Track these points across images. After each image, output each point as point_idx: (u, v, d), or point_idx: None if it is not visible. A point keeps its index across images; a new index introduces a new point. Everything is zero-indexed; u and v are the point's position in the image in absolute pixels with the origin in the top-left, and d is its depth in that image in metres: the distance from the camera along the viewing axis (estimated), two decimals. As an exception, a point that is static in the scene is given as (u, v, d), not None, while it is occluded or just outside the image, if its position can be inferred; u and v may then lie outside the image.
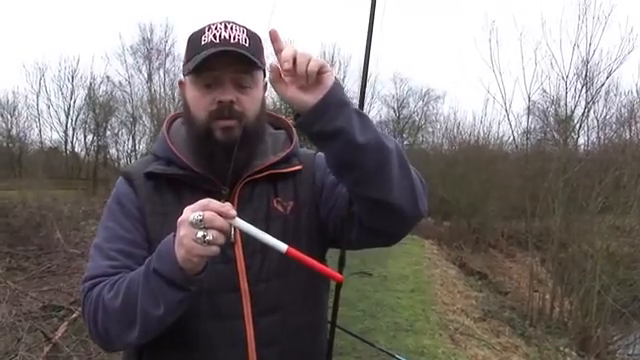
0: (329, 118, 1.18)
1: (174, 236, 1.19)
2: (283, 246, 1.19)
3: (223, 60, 1.31)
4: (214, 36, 1.34)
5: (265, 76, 1.44)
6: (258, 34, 1.41)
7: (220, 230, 1.14)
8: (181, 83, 1.44)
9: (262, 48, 1.41)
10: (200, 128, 1.36)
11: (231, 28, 1.35)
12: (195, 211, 1.14)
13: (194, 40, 1.37)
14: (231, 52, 1.31)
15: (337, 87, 1.20)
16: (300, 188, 1.47)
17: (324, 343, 1.54)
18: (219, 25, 1.36)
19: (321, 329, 1.53)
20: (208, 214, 1.13)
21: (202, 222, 1.13)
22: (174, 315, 1.25)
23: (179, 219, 1.17)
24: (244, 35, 1.35)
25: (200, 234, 1.13)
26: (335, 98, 1.19)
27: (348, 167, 1.25)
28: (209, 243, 1.14)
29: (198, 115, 1.36)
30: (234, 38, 1.34)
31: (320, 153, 1.55)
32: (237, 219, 1.17)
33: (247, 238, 1.36)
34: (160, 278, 1.20)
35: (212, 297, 1.35)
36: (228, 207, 1.16)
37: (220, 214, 1.14)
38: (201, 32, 1.37)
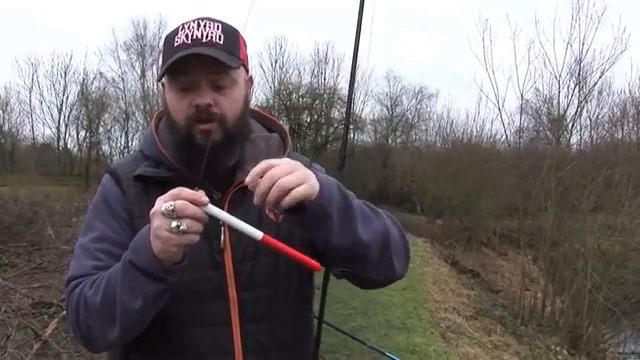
0: (307, 226, 1.23)
1: (149, 228, 1.17)
2: (259, 234, 1.15)
3: (196, 62, 1.27)
4: (186, 36, 1.29)
5: (248, 72, 1.40)
6: (236, 28, 1.37)
7: (193, 218, 1.12)
8: (163, 84, 1.39)
9: (240, 43, 1.37)
10: (181, 132, 1.33)
11: (204, 26, 1.31)
12: (167, 201, 1.12)
13: (168, 41, 1.33)
14: (201, 55, 1.27)
15: (315, 205, 1.17)
16: None
17: (312, 350, 1.52)
18: (192, 24, 1.31)
19: (309, 336, 1.51)
20: (179, 203, 1.11)
21: (174, 212, 1.10)
22: (153, 308, 1.23)
23: (151, 210, 1.15)
24: (218, 32, 1.31)
25: (174, 224, 1.10)
26: (311, 216, 1.19)
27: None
28: (184, 232, 1.11)
29: (178, 119, 1.33)
30: (207, 36, 1.29)
31: (316, 165, 1.52)
32: (210, 206, 1.14)
33: (237, 245, 1.34)
34: (137, 270, 1.18)
35: (200, 304, 1.32)
36: (200, 194, 1.14)
37: (192, 202, 1.12)
38: (175, 32, 1.33)
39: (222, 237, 1.33)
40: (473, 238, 20.95)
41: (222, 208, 1.30)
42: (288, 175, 1.12)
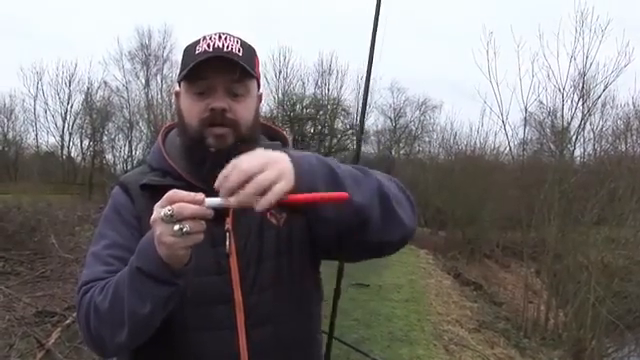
0: (299, 211, 1.21)
1: (152, 234, 1.17)
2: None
3: (215, 68, 1.32)
4: (208, 45, 1.35)
5: (259, 88, 1.45)
6: (253, 46, 1.42)
7: (193, 217, 1.12)
8: (177, 93, 1.44)
9: (256, 60, 1.42)
10: (193, 135, 1.36)
11: (225, 38, 1.37)
12: (163, 207, 1.12)
13: (189, 50, 1.39)
14: (223, 58, 1.32)
15: (300, 189, 1.12)
16: None
17: (318, 355, 1.53)
18: (213, 36, 1.37)
19: (315, 341, 1.52)
20: (176, 206, 1.11)
21: (173, 216, 1.11)
22: (162, 312, 1.24)
23: (151, 218, 1.15)
24: (238, 45, 1.36)
25: (177, 227, 1.11)
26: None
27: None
28: (188, 234, 1.12)
29: (191, 123, 1.37)
30: (227, 47, 1.35)
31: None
32: (207, 200, 1.13)
33: (242, 249, 1.36)
34: (145, 276, 1.19)
35: (206, 308, 1.34)
36: (194, 194, 1.13)
37: (188, 201, 1.12)
38: (196, 42, 1.38)
39: (227, 242, 1.35)
40: (476, 250, 20.90)
41: (226, 214, 1.35)
42: (264, 173, 1.09)
